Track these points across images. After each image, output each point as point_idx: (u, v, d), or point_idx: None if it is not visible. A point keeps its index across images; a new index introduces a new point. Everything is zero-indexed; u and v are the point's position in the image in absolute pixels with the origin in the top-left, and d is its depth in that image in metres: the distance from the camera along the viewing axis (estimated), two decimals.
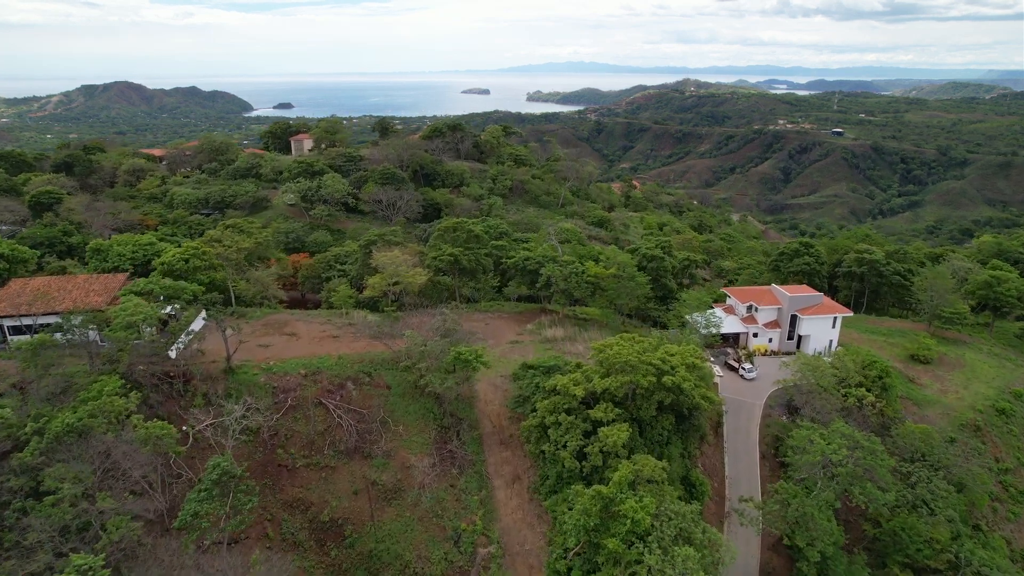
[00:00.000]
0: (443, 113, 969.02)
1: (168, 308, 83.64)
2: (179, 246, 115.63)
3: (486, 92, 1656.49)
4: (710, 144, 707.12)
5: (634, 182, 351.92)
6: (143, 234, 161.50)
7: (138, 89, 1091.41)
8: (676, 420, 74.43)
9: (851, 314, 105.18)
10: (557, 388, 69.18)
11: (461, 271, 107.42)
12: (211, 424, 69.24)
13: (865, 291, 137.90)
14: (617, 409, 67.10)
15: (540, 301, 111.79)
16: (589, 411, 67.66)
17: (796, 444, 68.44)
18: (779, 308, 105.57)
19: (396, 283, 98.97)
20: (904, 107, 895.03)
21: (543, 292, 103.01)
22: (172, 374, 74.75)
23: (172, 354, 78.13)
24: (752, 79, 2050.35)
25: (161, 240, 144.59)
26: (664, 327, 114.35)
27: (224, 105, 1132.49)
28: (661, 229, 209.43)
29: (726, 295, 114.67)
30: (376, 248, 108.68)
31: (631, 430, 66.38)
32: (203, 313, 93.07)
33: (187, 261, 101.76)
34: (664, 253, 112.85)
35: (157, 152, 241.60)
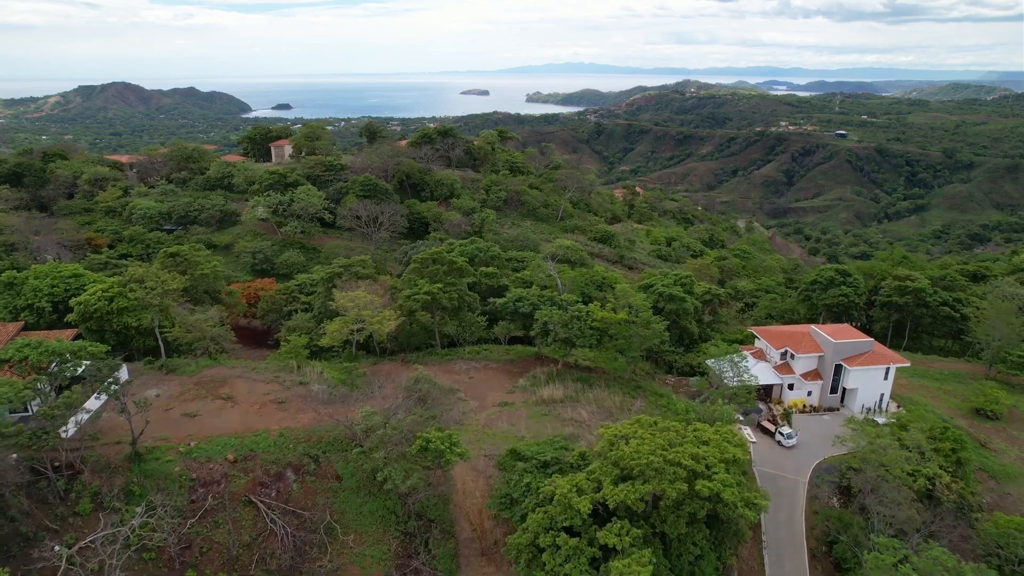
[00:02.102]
0: (442, 114, 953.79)
1: (81, 366, 65.67)
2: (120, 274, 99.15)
3: (485, 93, 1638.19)
4: (712, 146, 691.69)
5: (637, 188, 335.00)
6: (97, 251, 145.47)
7: (136, 90, 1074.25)
8: (707, 522, 57.32)
9: (907, 364, 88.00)
10: (555, 496, 51.92)
11: (442, 309, 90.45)
12: (95, 541, 51.93)
13: (907, 324, 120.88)
14: (636, 529, 49.85)
15: (535, 342, 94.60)
16: (597, 531, 50.32)
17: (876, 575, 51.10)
18: (820, 356, 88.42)
19: (361, 329, 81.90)
20: (906, 108, 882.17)
21: (539, 340, 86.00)
22: (57, 464, 57.54)
23: (66, 433, 61.15)
24: (752, 80, 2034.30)
25: (107, 264, 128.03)
26: (682, 374, 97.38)
27: (222, 106, 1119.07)
28: (670, 244, 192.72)
29: (754, 335, 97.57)
30: (341, 282, 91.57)
31: (654, 558, 49.23)
32: (124, 370, 75.96)
33: (111, 300, 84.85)
34: (685, 292, 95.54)
35: (124, 159, 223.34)
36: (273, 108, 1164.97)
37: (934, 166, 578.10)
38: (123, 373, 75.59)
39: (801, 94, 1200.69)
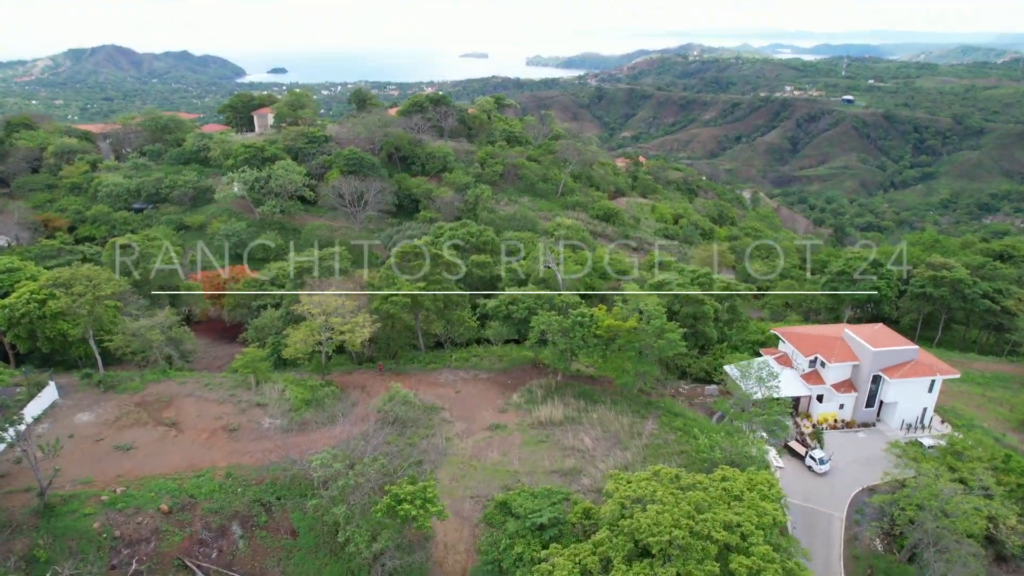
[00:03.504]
0: (440, 78, 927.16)
1: None
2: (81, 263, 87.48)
3: (484, 56, 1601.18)
4: (715, 112, 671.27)
5: (640, 157, 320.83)
6: (51, 236, 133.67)
7: (127, 53, 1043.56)
8: None
9: (957, 375, 77.27)
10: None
11: (426, 310, 79.54)
12: None
13: (942, 317, 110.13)
14: None
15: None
16: None
17: None
18: (855, 364, 77.73)
19: (329, 338, 71.03)
20: (915, 72, 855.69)
21: (536, 349, 75.12)
22: None
23: None
24: (756, 43, 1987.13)
25: (60, 251, 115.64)
26: (698, 380, 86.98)
27: (216, 70, 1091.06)
28: (677, 222, 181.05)
29: (777, 336, 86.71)
30: (309, 280, 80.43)
31: None
32: (51, 388, 65.27)
33: (42, 303, 73.79)
34: (703, 291, 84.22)
35: (96, 128, 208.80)
36: (268, 72, 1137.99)
37: (943, 132, 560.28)
38: (50, 392, 65.10)
39: (806, 58, 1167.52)
